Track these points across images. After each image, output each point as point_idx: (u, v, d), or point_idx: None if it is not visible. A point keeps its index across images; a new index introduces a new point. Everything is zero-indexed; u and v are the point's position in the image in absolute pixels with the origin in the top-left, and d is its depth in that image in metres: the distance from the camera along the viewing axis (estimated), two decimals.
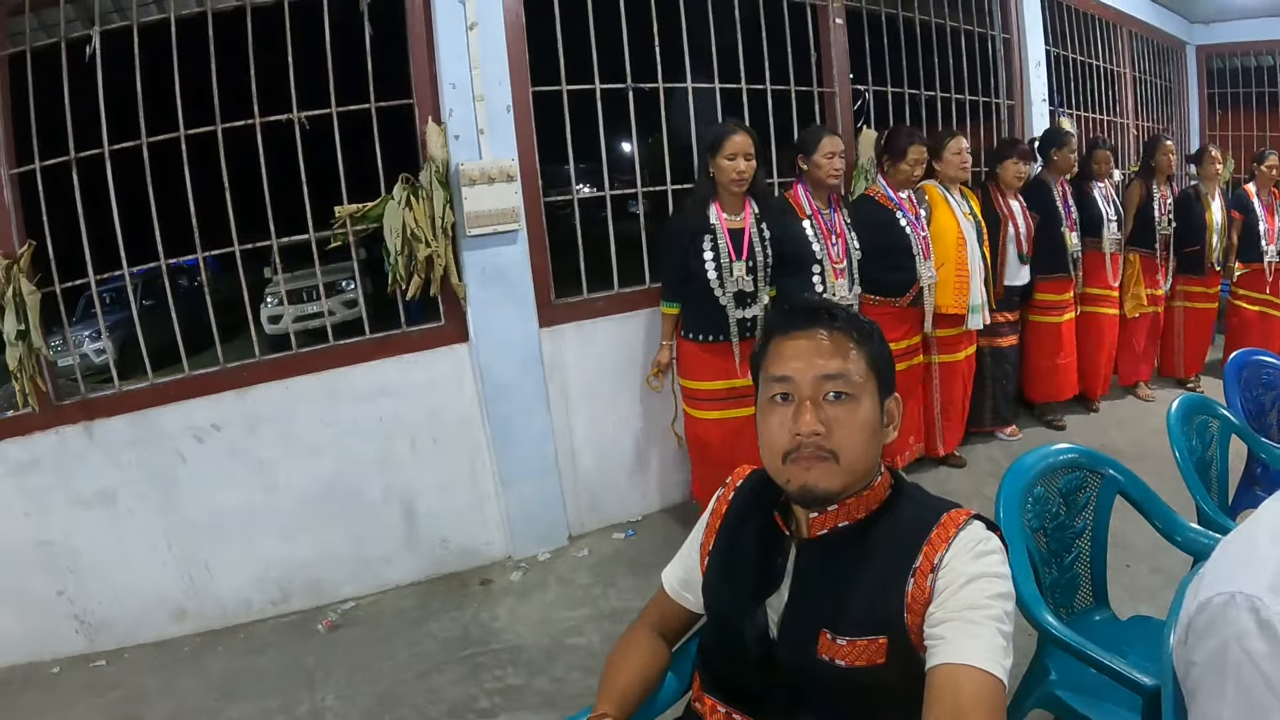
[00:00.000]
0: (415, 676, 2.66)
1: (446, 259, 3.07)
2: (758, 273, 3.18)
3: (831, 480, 1.13)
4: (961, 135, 3.96)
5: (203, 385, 2.91)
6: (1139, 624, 2.08)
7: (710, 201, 3.15)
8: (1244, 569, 0.97)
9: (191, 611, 3.00)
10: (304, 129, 2.91)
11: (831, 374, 1.13)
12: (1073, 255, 4.46)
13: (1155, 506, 2.09)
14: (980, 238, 3.97)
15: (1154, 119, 6.81)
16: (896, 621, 1.10)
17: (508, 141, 3.14)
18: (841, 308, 1.22)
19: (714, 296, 3.15)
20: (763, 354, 1.22)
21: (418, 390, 3.20)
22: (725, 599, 1.27)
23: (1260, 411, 2.94)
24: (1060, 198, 4.41)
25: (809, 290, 3.35)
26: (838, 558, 1.17)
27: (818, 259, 3.36)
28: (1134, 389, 5.15)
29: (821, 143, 3.36)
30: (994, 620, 1.04)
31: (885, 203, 3.72)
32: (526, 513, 3.41)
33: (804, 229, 3.37)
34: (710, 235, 3.12)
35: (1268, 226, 5.10)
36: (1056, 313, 4.53)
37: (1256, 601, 0.92)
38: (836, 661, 1.12)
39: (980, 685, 0.99)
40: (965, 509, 1.16)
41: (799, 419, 1.12)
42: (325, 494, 3.09)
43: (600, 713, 1.24)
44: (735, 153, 3.06)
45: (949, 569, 1.08)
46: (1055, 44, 5.40)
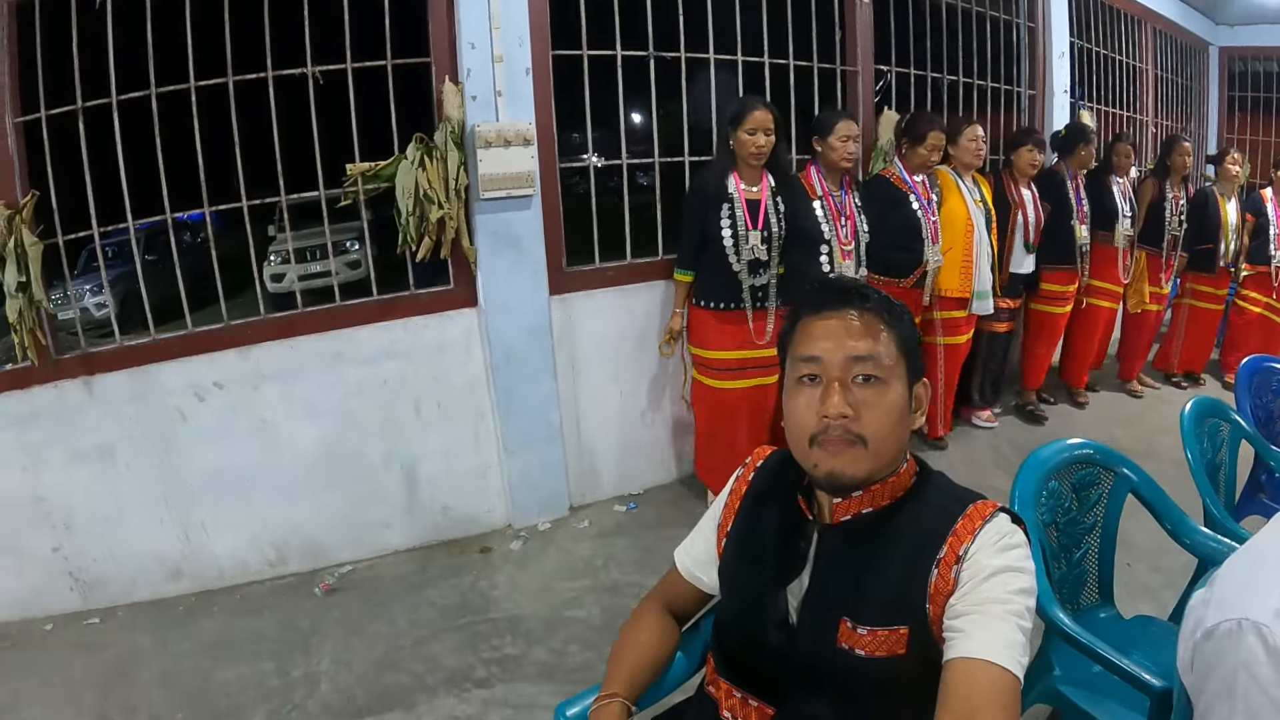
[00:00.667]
0: (412, 643, 2.64)
1: (459, 221, 3.02)
2: (772, 243, 3.24)
3: (859, 467, 1.10)
4: (979, 123, 3.98)
5: (205, 342, 2.86)
6: (1143, 624, 2.08)
7: (729, 172, 3.19)
8: (1251, 595, 0.99)
9: (187, 571, 2.96)
10: (318, 84, 2.83)
11: (861, 355, 1.10)
12: (1081, 248, 4.45)
13: (1166, 507, 2.07)
14: (989, 224, 4.02)
15: (1173, 118, 6.77)
16: (918, 611, 1.08)
17: (525, 104, 3.08)
18: (873, 289, 1.18)
19: (728, 264, 3.20)
20: (791, 334, 1.18)
21: (424, 354, 3.16)
22: (745, 582, 1.24)
23: (1269, 418, 2.93)
24: (1073, 190, 4.40)
25: (816, 269, 3.39)
26: (860, 544, 1.14)
27: (826, 239, 3.41)
28: (1128, 383, 5.17)
29: (837, 126, 3.40)
30: (1014, 616, 1.02)
31: (899, 184, 3.77)
32: (528, 482, 3.39)
33: (814, 209, 3.41)
34: (728, 204, 3.17)
35: (1277, 230, 5.08)
36: (1060, 304, 4.56)
37: (1264, 629, 0.93)
38: (856, 651, 1.10)
39: (995, 681, 0.98)
40: (991, 501, 1.13)
41: (827, 401, 1.09)
42: (326, 456, 3.06)
43: (610, 692, 1.22)
44: (755, 127, 3.10)
45: (973, 561, 1.06)
46: (1079, 36, 5.35)
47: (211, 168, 2.77)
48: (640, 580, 3.01)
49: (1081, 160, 4.42)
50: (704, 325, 3.31)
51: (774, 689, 1.19)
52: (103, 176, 2.69)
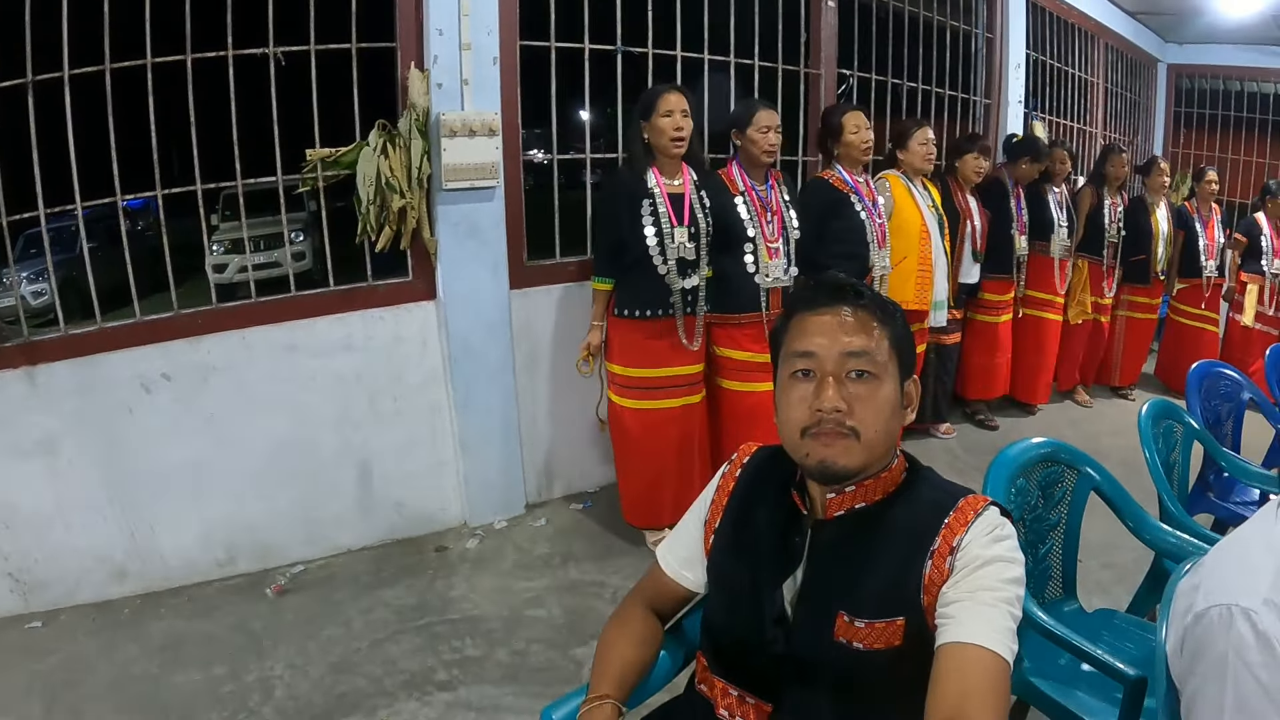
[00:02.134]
0: (369, 645, 2.57)
1: (420, 212, 2.95)
2: (699, 240, 3.01)
3: (851, 458, 1.11)
4: (929, 126, 3.93)
5: (154, 332, 2.73)
6: (1105, 616, 2.16)
7: (648, 167, 2.97)
8: (1239, 583, 1.04)
9: (133, 572, 2.82)
10: (280, 65, 2.73)
11: (855, 351, 1.12)
12: (1018, 258, 4.51)
13: (1127, 505, 2.16)
14: (943, 231, 3.95)
15: (1121, 130, 7.01)
16: (914, 602, 1.10)
17: (492, 94, 3.03)
18: (867, 286, 1.20)
19: (654, 267, 2.94)
20: (784, 330, 1.19)
21: (380, 347, 3.08)
22: (739, 579, 1.23)
23: (1217, 420, 3.03)
24: (1014, 199, 4.46)
25: (741, 270, 3.16)
26: (855, 539, 1.16)
27: (750, 237, 3.15)
28: (1072, 394, 5.27)
29: (756, 116, 3.14)
30: (1005, 603, 1.04)
31: (839, 185, 3.56)
32: (485, 479, 3.33)
33: (736, 205, 3.16)
34: (649, 200, 2.93)
35: (1206, 242, 5.26)
36: (997, 312, 4.59)
37: (1253, 615, 0.99)
38: (854, 644, 1.11)
39: (987, 666, 1.00)
40: (982, 495, 1.16)
41: (821, 394, 1.11)
42: (278, 452, 2.96)
43: (600, 694, 1.20)
44: (671, 109, 2.91)
45: (966, 551, 1.08)
46: (1035, 48, 5.50)
47: (162, 151, 2.63)
48: (600, 578, 2.99)
49: (1024, 173, 4.48)
50: (626, 338, 3.03)
51: (770, 685, 1.19)
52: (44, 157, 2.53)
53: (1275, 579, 1.05)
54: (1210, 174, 5.30)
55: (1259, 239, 5.31)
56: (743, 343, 3.18)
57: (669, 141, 2.91)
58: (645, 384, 3.05)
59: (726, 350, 3.20)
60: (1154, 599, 2.32)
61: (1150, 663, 1.79)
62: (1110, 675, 1.62)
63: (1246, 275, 5.37)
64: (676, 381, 3.07)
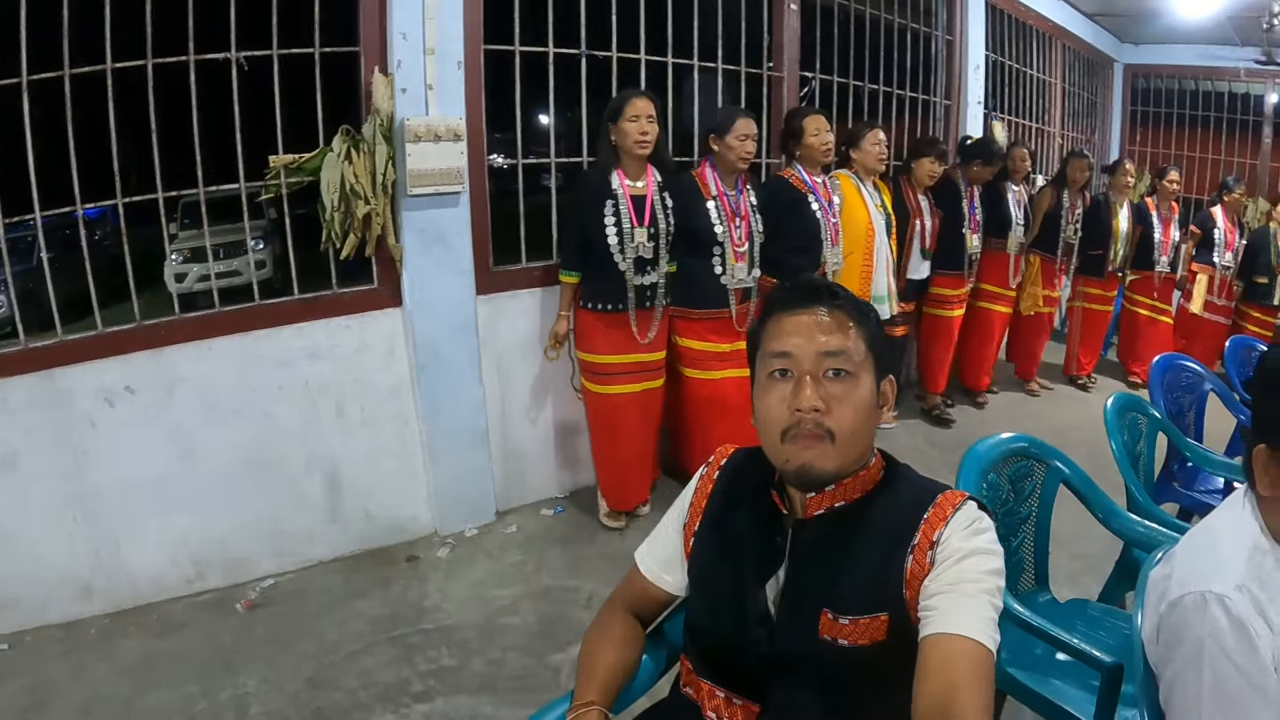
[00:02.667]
0: (344, 658, 2.53)
1: (385, 218, 2.91)
2: (659, 240, 3.15)
3: (828, 461, 1.13)
4: (880, 127, 4.01)
5: (115, 343, 2.65)
6: (1077, 606, 2.20)
7: (613, 168, 3.10)
8: (1212, 570, 1.09)
9: (99, 590, 2.74)
10: (242, 70, 2.68)
11: (832, 351, 1.14)
12: (970, 256, 4.58)
13: (1096, 497, 2.21)
14: (889, 230, 4.04)
15: (1079, 130, 7.16)
16: (897, 597, 1.11)
17: (456, 99, 3.01)
18: (842, 287, 1.22)
19: (614, 263, 3.10)
20: (761, 330, 1.21)
21: (346, 355, 3.04)
22: (722, 581, 1.24)
23: (1180, 412, 3.09)
24: (967, 199, 4.52)
25: (708, 271, 3.30)
26: (835, 537, 1.17)
27: (719, 241, 3.29)
28: (1026, 384, 5.39)
29: (736, 124, 3.25)
30: (986, 594, 1.06)
31: (798, 185, 3.65)
32: (455, 487, 3.30)
33: (708, 209, 3.29)
34: (612, 200, 3.07)
35: (1162, 238, 5.40)
36: (949, 307, 4.69)
37: (1226, 600, 1.04)
38: (839, 641, 1.12)
39: (973, 656, 1.01)
40: (959, 490, 1.18)
41: (799, 394, 1.12)
42: (244, 464, 2.90)
43: (585, 701, 1.19)
44: (638, 114, 3.03)
45: (946, 545, 1.10)
46: (994, 50, 5.60)
47: (121, 157, 2.57)
48: (574, 584, 2.97)
49: (976, 174, 4.54)
50: (590, 328, 3.20)
51: (756, 685, 1.20)
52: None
53: (1247, 566, 1.09)
54: (1172, 173, 5.45)
55: (1213, 232, 5.48)
56: (703, 334, 3.37)
57: (634, 144, 3.04)
58: (608, 369, 3.21)
59: (688, 341, 3.38)
60: (1124, 588, 2.38)
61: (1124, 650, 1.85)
62: (1088, 663, 1.66)
63: (1197, 266, 5.54)
64: (637, 368, 3.24)
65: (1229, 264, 5.50)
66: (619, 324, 3.17)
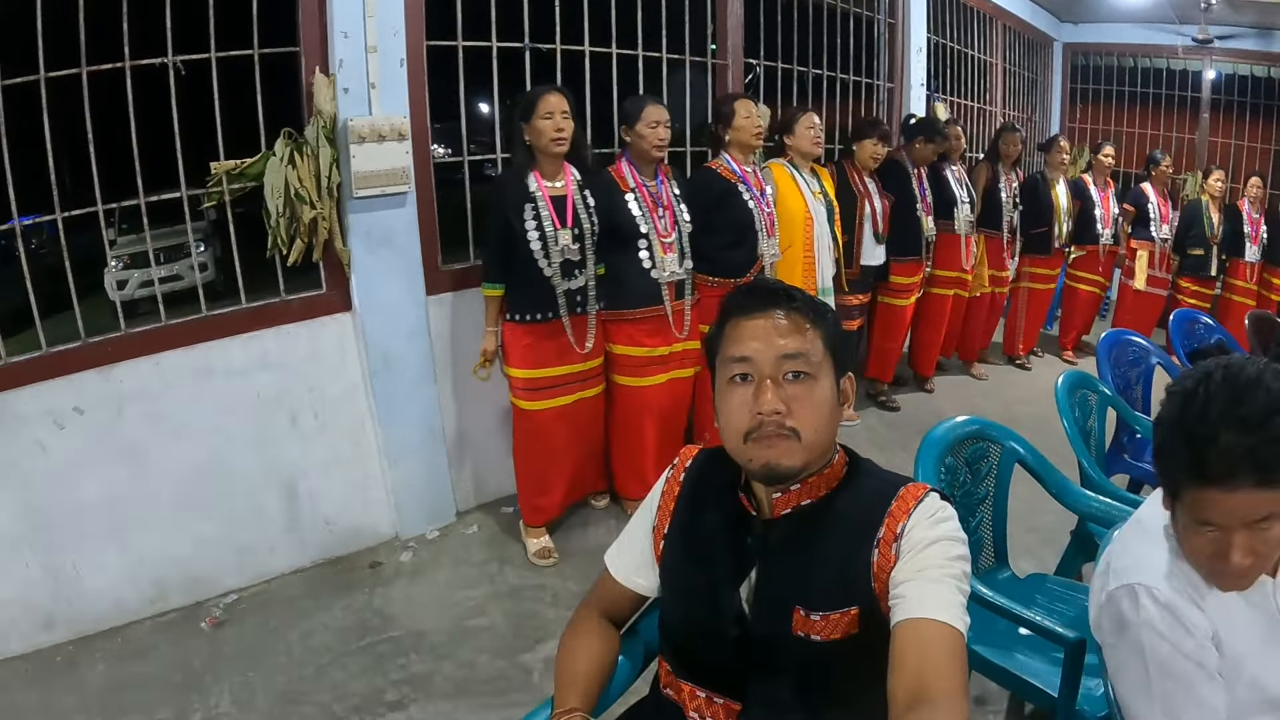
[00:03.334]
0: (314, 672, 2.49)
1: (331, 221, 2.86)
2: (584, 240, 3.01)
3: (794, 458, 1.14)
4: (814, 111, 3.88)
5: (61, 363, 2.55)
6: (1037, 581, 2.27)
7: (528, 170, 2.95)
8: (1143, 562, 1.20)
9: (61, 617, 2.65)
10: (179, 74, 2.59)
11: (791, 353, 1.15)
12: (927, 238, 4.55)
13: (1050, 475, 2.27)
14: (831, 217, 3.91)
15: (1020, 108, 7.26)
16: (865, 590, 1.14)
17: (400, 97, 2.95)
18: (797, 289, 1.23)
19: (539, 270, 2.94)
20: (719, 336, 1.22)
21: (298, 363, 2.98)
22: (695, 583, 1.25)
23: (1127, 385, 3.17)
24: (916, 180, 4.49)
25: (636, 266, 3.18)
26: (803, 535, 1.19)
27: (644, 234, 3.17)
28: (970, 366, 5.44)
29: (645, 112, 3.13)
30: (953, 578, 1.09)
31: (727, 175, 3.52)
32: (414, 490, 3.27)
33: (627, 202, 3.17)
34: (531, 204, 2.92)
35: (1103, 211, 5.50)
36: (906, 295, 4.60)
37: (1154, 590, 1.15)
38: (813, 637, 1.15)
39: (945, 639, 1.03)
40: (922, 483, 1.21)
41: (760, 398, 1.14)
42: (200, 479, 2.83)
43: (567, 708, 1.19)
44: (551, 111, 2.88)
45: (910, 536, 1.12)
46: (936, 32, 5.65)
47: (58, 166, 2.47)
48: (540, 582, 2.97)
49: (920, 153, 4.51)
50: (519, 342, 3.02)
51: (735, 684, 1.22)
52: None
53: (1172, 559, 1.19)
54: (1107, 148, 5.56)
55: (1146, 207, 5.60)
56: (639, 337, 3.23)
57: (549, 142, 2.89)
58: (539, 384, 3.06)
59: (622, 347, 3.25)
60: (1080, 560, 2.45)
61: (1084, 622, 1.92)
62: (1052, 639, 1.71)
63: (1136, 242, 5.64)
64: (570, 379, 3.10)
65: (1166, 236, 5.62)
66: (552, 334, 3.03)
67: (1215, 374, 1.08)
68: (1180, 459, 1.08)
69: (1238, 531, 1.08)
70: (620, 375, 3.29)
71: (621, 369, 3.28)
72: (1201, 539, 1.11)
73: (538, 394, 3.06)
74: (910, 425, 4.44)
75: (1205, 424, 1.05)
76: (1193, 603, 1.14)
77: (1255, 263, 5.75)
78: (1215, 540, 1.10)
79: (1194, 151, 7.47)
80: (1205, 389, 1.07)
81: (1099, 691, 1.75)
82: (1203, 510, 1.09)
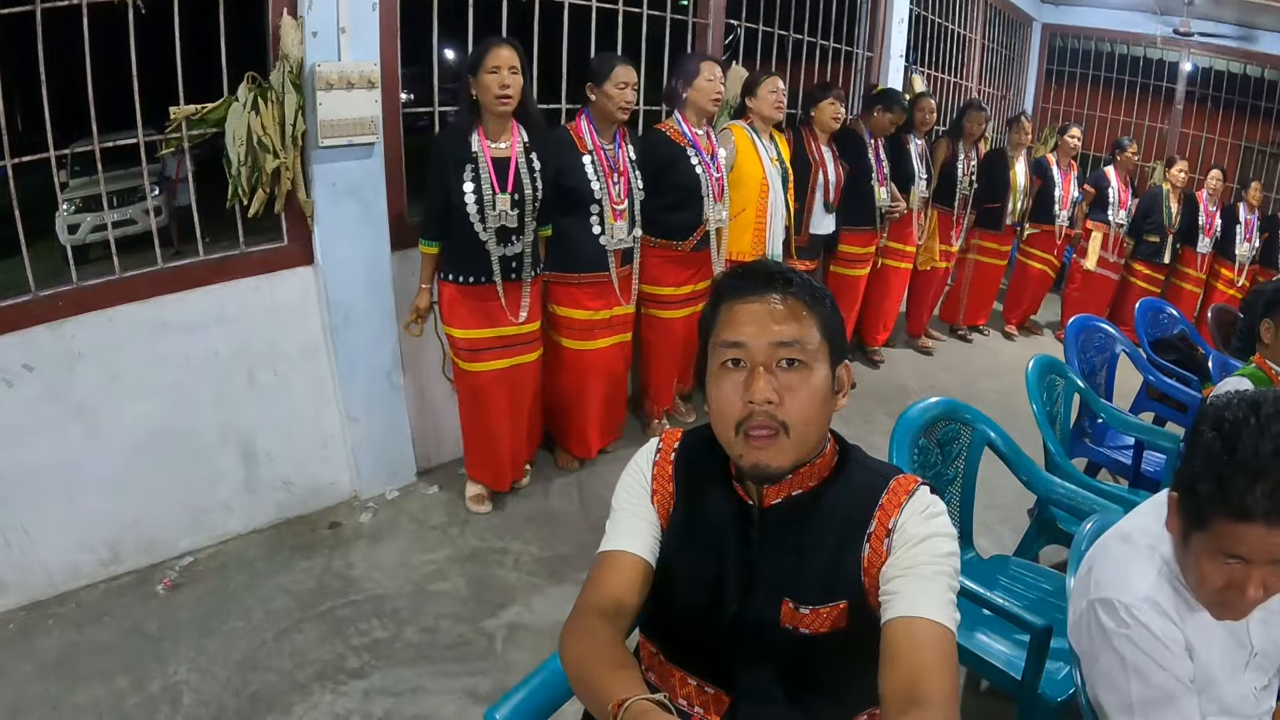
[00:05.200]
0: (273, 637, 2.44)
1: (295, 171, 2.74)
2: (524, 206, 2.87)
3: (783, 458, 1.13)
4: (778, 75, 3.80)
5: (10, 319, 2.40)
6: (1000, 562, 2.33)
7: (473, 128, 2.81)
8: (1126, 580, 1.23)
9: (12, 583, 2.55)
10: (139, 12, 2.41)
11: (786, 340, 1.12)
12: (880, 209, 4.50)
13: (1019, 459, 2.33)
14: (785, 183, 3.84)
15: (995, 85, 7.26)
16: (855, 585, 1.14)
17: (370, 43, 2.81)
18: (796, 272, 1.19)
19: (474, 232, 2.83)
20: (713, 319, 1.19)
21: (257, 318, 2.87)
22: (700, 569, 1.22)
23: (1092, 371, 3.22)
24: (873, 151, 4.44)
25: (586, 231, 3.14)
26: (793, 526, 1.18)
27: (596, 199, 3.11)
28: (917, 338, 5.49)
29: (615, 71, 3.05)
30: (945, 576, 1.09)
31: (678, 138, 3.44)
32: (373, 449, 3.21)
33: (583, 165, 3.10)
34: (471, 164, 2.79)
35: (1063, 193, 5.54)
36: (858, 266, 4.60)
37: (1134, 609, 1.18)
38: (801, 630, 1.15)
39: (936, 638, 1.04)
40: (912, 475, 1.21)
41: (752, 386, 1.11)
42: (154, 438, 2.72)
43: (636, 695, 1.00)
44: (499, 65, 2.72)
45: (902, 531, 1.12)
46: (918, 4, 5.59)
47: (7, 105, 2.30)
48: (500, 545, 2.96)
49: (878, 123, 4.45)
50: (453, 302, 2.94)
51: (725, 674, 1.21)
52: None
53: (1156, 580, 1.21)
54: (1074, 130, 5.59)
55: (1107, 190, 5.65)
56: (582, 300, 3.22)
57: (494, 99, 2.74)
58: (476, 345, 2.99)
59: (566, 310, 3.23)
60: (1041, 543, 2.51)
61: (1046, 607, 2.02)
62: (1018, 625, 1.76)
63: (1091, 223, 5.71)
64: (507, 341, 3.02)
65: (1122, 221, 5.69)
66: (485, 296, 2.93)
67: (1265, 405, 1.07)
68: (1220, 490, 1.07)
69: (1262, 567, 1.08)
70: (564, 338, 3.28)
71: (565, 331, 3.27)
72: (1219, 570, 1.12)
73: (476, 355, 2.99)
74: (870, 396, 4.48)
75: (1256, 458, 1.04)
76: (1168, 618, 1.18)
77: (1206, 254, 5.87)
78: (1234, 573, 1.11)
79: (1164, 141, 7.56)
80: (1256, 421, 1.06)
81: (1060, 674, 1.80)
82: (1234, 543, 1.08)
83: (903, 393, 4.61)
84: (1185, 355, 3.48)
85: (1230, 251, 5.85)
